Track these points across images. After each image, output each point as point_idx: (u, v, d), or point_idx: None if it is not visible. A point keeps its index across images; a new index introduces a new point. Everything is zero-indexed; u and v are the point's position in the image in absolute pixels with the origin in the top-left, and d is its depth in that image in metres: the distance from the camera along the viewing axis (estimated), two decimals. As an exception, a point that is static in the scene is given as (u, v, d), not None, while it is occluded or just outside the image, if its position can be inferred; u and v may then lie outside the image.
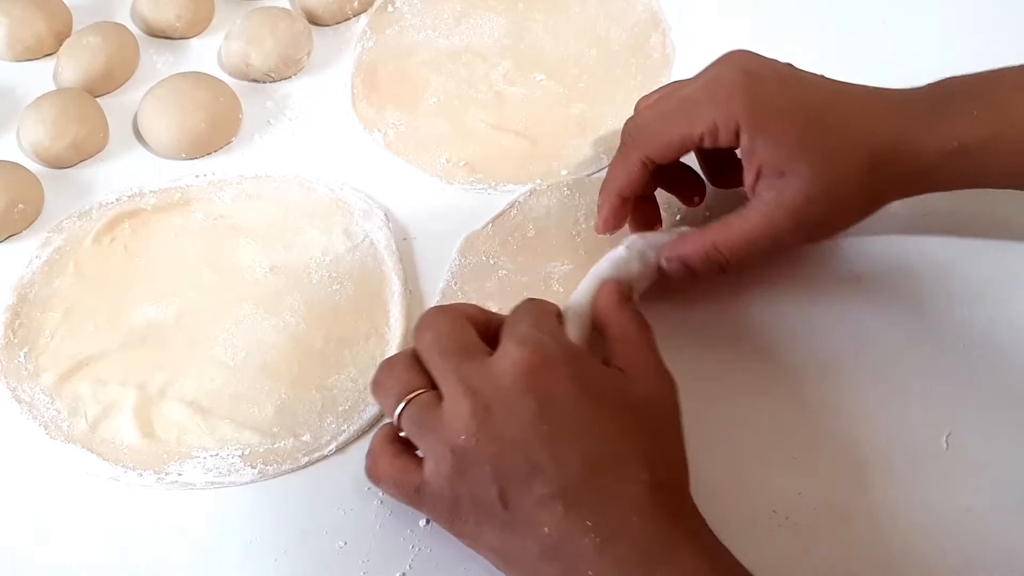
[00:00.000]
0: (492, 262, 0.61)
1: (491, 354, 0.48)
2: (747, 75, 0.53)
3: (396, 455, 0.49)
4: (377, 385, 0.50)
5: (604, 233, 0.58)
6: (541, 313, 0.50)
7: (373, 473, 0.50)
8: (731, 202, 0.57)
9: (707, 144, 0.54)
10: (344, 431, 0.56)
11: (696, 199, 0.60)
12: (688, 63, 0.71)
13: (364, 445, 0.55)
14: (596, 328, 0.52)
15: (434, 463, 0.47)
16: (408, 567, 0.51)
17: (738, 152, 0.54)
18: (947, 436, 0.54)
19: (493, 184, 0.66)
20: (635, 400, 0.48)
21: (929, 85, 0.56)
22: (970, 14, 0.74)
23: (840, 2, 0.75)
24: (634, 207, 0.58)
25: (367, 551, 0.52)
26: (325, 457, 0.55)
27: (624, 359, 0.50)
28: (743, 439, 0.55)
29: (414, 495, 0.48)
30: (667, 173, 0.58)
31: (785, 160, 0.52)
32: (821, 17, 0.74)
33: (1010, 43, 0.71)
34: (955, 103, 0.53)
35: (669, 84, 0.59)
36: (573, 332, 0.52)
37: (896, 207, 0.62)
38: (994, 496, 0.53)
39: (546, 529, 0.44)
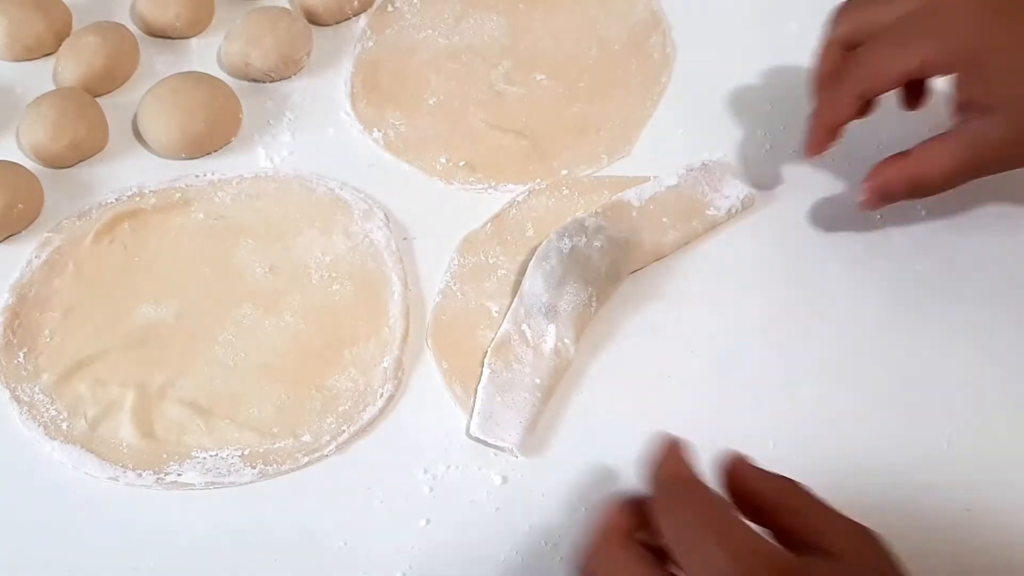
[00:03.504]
0: (491, 261, 0.61)
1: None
2: (968, 8, 0.52)
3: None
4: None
5: (811, 156, 0.59)
6: (724, 515, 0.40)
7: None
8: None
9: (918, 76, 0.55)
10: (344, 431, 0.56)
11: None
12: (688, 63, 0.71)
13: (364, 445, 0.56)
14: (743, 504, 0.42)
15: None
16: (408, 567, 0.51)
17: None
18: (947, 436, 0.54)
19: (493, 184, 0.66)
20: None
21: None
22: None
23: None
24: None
25: (367, 551, 0.52)
26: (325, 457, 0.55)
27: (826, 539, 0.41)
28: (743, 439, 0.55)
29: None
30: None
31: (995, 99, 0.52)
32: (821, 16, 0.74)
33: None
34: None
35: None
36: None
37: (897, 205, 0.63)
38: (994, 496, 0.53)
39: None
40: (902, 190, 0.56)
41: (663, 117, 0.69)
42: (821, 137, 0.57)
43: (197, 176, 0.67)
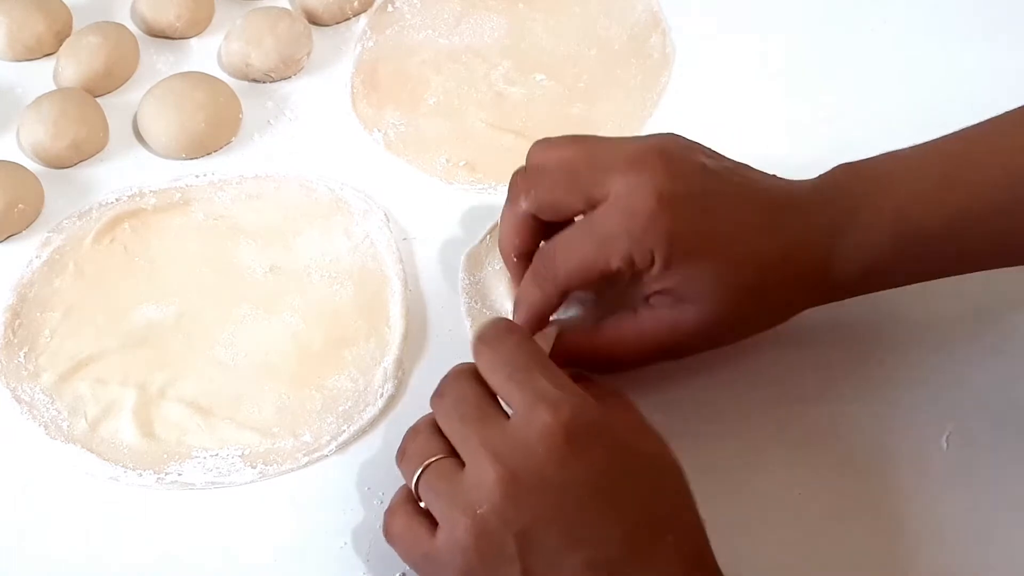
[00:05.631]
0: (498, 267, 0.61)
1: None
2: (661, 202, 0.49)
3: (411, 516, 0.47)
4: (400, 453, 0.48)
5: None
6: (540, 357, 0.47)
7: (387, 531, 0.48)
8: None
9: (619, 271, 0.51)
10: (344, 431, 0.56)
11: None
12: (688, 63, 0.71)
13: (364, 445, 0.56)
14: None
15: (448, 532, 0.44)
16: (408, 567, 0.51)
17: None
18: (947, 436, 0.54)
19: (493, 184, 0.66)
20: (660, 462, 0.46)
21: (830, 182, 0.53)
22: (971, 13, 0.74)
23: (840, 1, 0.75)
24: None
25: (367, 551, 0.52)
26: (325, 457, 0.55)
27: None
28: (742, 439, 0.55)
29: (421, 561, 0.46)
30: None
31: (692, 292, 0.50)
32: (821, 17, 0.74)
33: (1010, 43, 0.72)
34: (859, 217, 0.51)
35: (579, 146, 0.54)
36: None
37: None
38: (994, 496, 0.53)
39: None
40: (588, 364, 0.53)
41: (663, 118, 0.69)
42: (534, 327, 0.54)
43: (197, 176, 0.67)
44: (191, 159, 0.68)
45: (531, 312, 0.53)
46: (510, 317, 0.59)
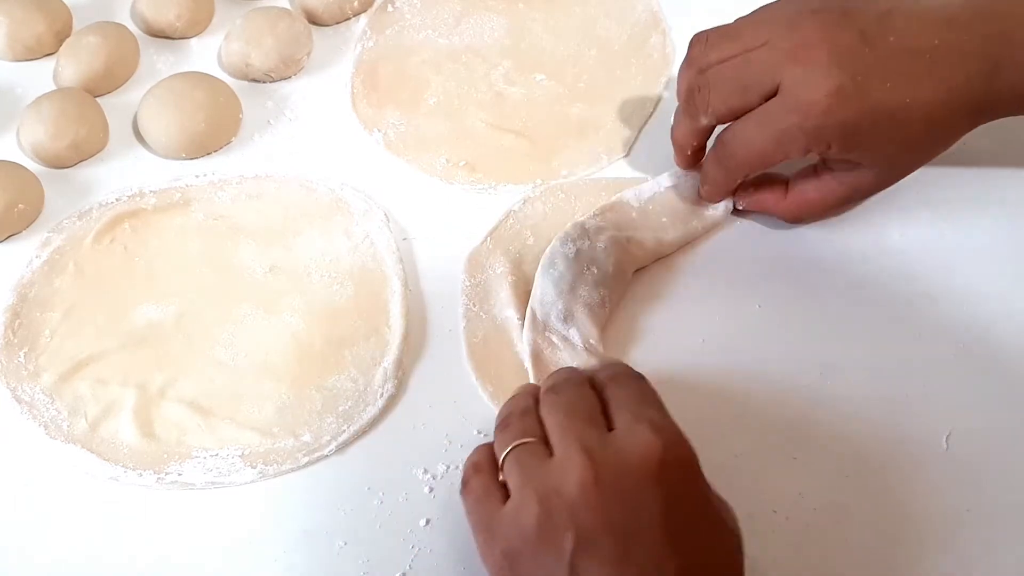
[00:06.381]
0: (500, 271, 0.61)
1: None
2: (831, 96, 0.53)
3: (493, 479, 0.47)
4: (504, 423, 0.49)
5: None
6: (656, 398, 0.48)
7: (467, 484, 0.48)
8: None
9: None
10: (344, 431, 0.56)
11: None
12: (688, 63, 0.71)
13: (364, 445, 0.56)
14: None
15: (516, 507, 0.45)
16: (408, 567, 0.51)
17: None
18: (947, 436, 0.54)
19: (493, 184, 0.66)
20: (725, 521, 0.46)
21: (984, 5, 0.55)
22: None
23: (840, 2, 0.75)
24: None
25: (367, 551, 0.52)
26: (325, 457, 0.55)
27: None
28: (743, 439, 0.55)
29: (483, 524, 0.46)
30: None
31: (869, 159, 0.56)
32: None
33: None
34: (1015, 37, 0.54)
35: (738, 37, 0.57)
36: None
37: (897, 205, 0.63)
38: (994, 496, 0.53)
39: None
40: (777, 215, 0.62)
41: (663, 117, 0.69)
42: (720, 199, 0.62)
43: (197, 176, 0.67)
44: (191, 159, 0.68)
45: (717, 188, 0.61)
46: (509, 323, 0.59)
